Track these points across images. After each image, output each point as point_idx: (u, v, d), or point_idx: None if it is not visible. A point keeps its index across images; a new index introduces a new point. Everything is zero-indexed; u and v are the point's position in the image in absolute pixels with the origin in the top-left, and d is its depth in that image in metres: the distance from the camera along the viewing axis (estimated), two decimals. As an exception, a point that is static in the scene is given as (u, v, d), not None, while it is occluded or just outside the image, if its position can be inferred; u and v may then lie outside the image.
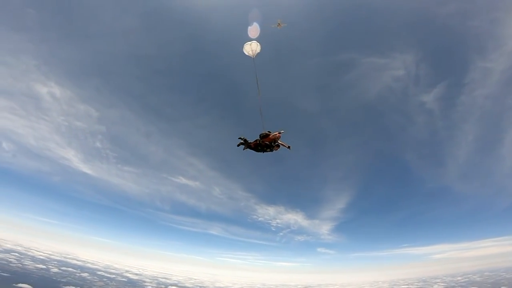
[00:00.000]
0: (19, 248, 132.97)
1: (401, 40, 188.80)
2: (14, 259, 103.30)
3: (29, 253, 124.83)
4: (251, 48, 15.67)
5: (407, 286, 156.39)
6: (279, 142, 15.34)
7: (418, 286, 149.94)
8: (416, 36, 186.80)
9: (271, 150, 15.42)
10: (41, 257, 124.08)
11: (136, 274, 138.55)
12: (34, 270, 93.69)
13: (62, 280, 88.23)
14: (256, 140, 15.46)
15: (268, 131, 15.33)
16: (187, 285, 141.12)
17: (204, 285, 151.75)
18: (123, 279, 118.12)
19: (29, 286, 67.92)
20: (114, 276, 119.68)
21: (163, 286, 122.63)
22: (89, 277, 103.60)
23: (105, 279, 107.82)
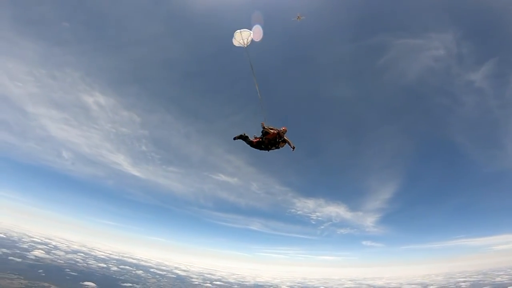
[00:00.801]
0: (84, 248, 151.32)
1: (435, 19, 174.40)
2: (80, 259, 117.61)
3: (92, 253, 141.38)
4: (242, 37, 14.21)
5: (464, 279, 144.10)
6: (284, 137, 13.99)
7: (478, 279, 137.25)
8: (451, 15, 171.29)
9: (277, 147, 14.14)
10: (102, 256, 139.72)
11: (184, 271, 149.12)
12: (97, 269, 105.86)
13: (121, 278, 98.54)
14: (258, 138, 14.11)
15: (270, 128, 13.99)
16: (230, 280, 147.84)
17: (246, 280, 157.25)
18: (173, 276, 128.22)
19: (94, 284, 76.74)
20: (165, 273, 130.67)
21: (208, 281, 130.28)
22: (143, 274, 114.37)
23: (157, 276, 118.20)
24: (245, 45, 14.42)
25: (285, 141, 13.93)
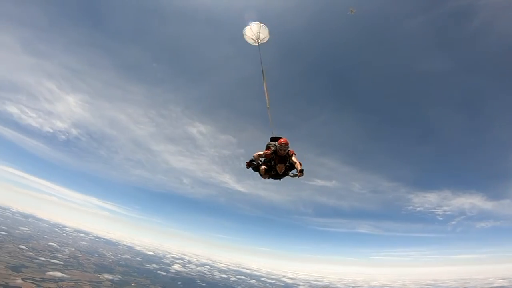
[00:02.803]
0: (209, 261, 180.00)
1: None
2: (207, 271, 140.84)
3: (215, 265, 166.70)
4: (260, 31, 11.91)
5: None
6: (287, 155, 9.11)
7: None
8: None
9: (282, 173, 9.35)
10: (223, 268, 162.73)
11: (291, 278, 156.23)
12: (220, 279, 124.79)
13: (238, 287, 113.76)
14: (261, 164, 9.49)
15: (272, 139, 9.79)
16: (339, 286, 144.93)
17: (358, 285, 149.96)
18: (281, 284, 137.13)
19: None
20: (274, 281, 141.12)
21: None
22: (256, 284, 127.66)
23: (267, 285, 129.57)
24: (258, 43, 12.18)
25: (284, 161, 9.17)
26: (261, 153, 9.31)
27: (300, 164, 9.11)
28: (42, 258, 74.20)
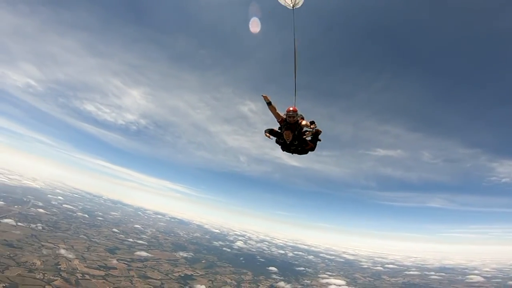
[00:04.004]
0: (267, 238, 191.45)
1: None
2: (266, 247, 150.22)
3: (273, 242, 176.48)
4: None
5: None
6: (300, 125, 8.63)
7: None
8: None
9: (292, 143, 8.79)
10: (281, 244, 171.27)
11: (352, 255, 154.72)
12: (278, 255, 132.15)
13: (295, 262, 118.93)
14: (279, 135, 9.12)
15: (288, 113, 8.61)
16: (405, 263, 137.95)
17: (428, 263, 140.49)
18: (341, 260, 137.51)
19: (275, 269, 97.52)
20: (333, 257, 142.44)
21: (379, 265, 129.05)
22: (313, 259, 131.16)
23: (326, 261, 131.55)
24: (292, 5, 10.38)
25: (292, 129, 8.57)
26: (278, 113, 8.89)
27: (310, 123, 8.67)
28: (131, 240, 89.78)
